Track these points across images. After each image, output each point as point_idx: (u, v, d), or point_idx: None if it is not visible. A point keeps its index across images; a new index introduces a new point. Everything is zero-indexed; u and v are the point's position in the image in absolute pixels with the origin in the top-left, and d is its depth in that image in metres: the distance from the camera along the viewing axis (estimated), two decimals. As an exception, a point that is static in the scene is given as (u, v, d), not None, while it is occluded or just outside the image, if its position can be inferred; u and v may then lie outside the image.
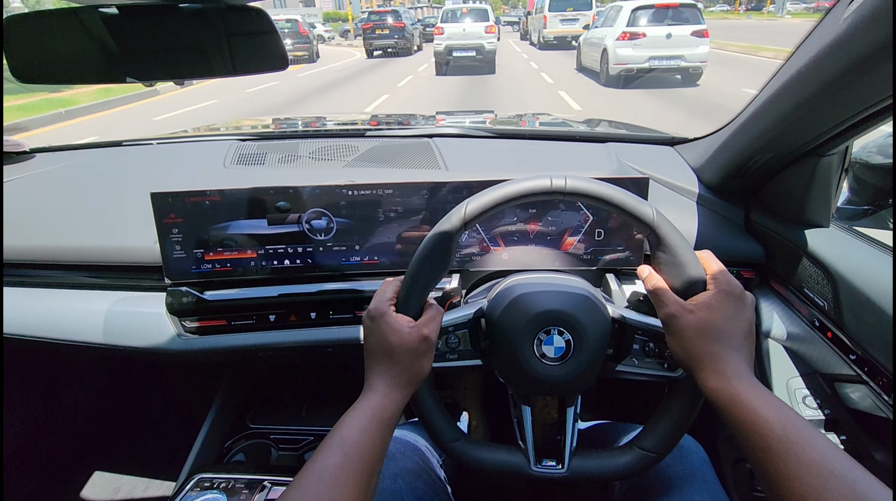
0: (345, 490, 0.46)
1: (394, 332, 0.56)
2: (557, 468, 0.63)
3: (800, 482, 0.41)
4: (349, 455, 0.48)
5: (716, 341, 0.51)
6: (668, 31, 8.02)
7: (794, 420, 0.44)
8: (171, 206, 0.82)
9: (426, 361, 0.58)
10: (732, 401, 0.48)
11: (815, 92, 0.60)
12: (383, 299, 0.59)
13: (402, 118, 1.48)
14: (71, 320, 0.91)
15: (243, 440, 1.17)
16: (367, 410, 0.53)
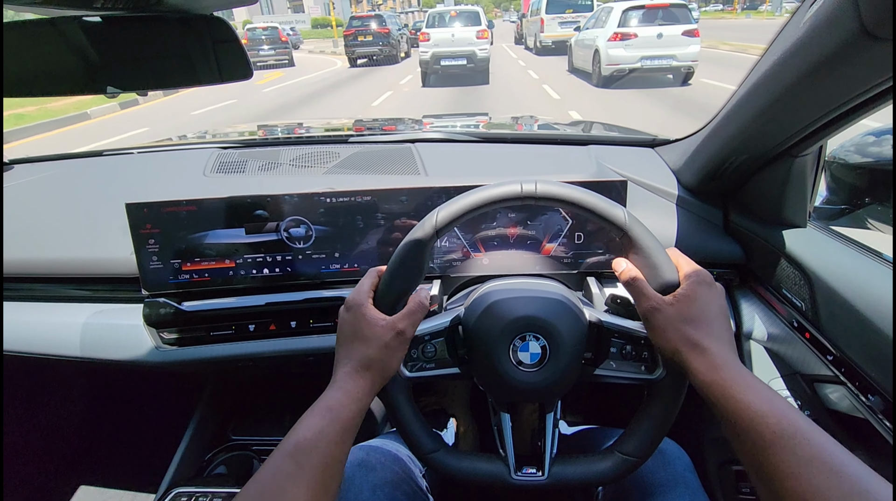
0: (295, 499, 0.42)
1: (368, 323, 0.55)
2: (538, 475, 0.62)
3: (799, 479, 0.39)
4: (301, 463, 0.45)
5: (699, 329, 0.51)
6: (659, 31, 8.08)
7: (790, 414, 0.43)
8: (147, 216, 0.81)
9: (396, 357, 0.56)
10: (724, 395, 0.46)
11: (781, 94, 0.60)
12: (362, 290, 0.58)
13: (388, 123, 1.48)
14: (48, 333, 0.89)
15: (224, 452, 1.15)
16: (325, 410, 0.49)
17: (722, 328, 0.52)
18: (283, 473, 0.44)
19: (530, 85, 9.47)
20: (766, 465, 0.42)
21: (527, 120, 1.64)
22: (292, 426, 0.48)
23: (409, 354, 0.64)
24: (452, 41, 10.13)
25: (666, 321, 0.52)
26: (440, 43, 10.14)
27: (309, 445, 0.46)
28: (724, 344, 0.51)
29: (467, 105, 8.07)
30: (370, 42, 14.50)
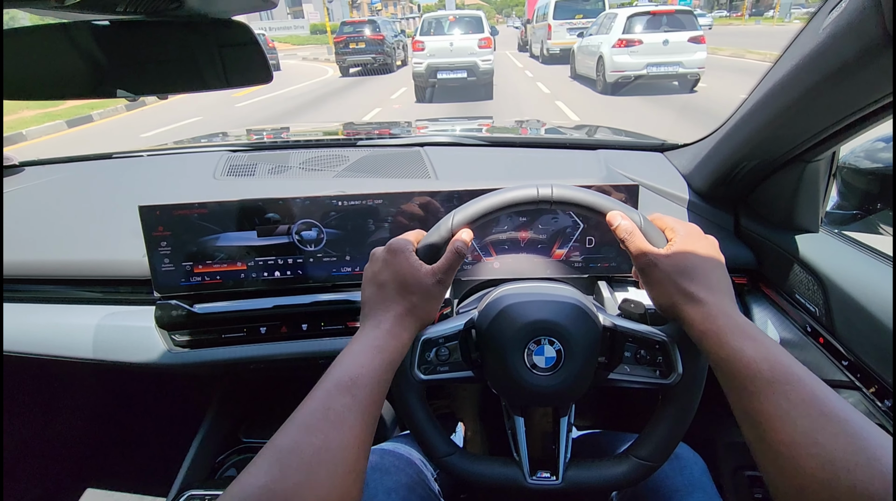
0: (352, 431, 0.43)
1: (412, 268, 0.54)
2: (552, 479, 0.62)
3: (789, 422, 0.39)
4: (357, 396, 0.45)
5: (694, 281, 0.51)
6: (664, 38, 7.97)
7: (783, 359, 0.43)
8: (159, 219, 0.81)
9: (436, 305, 0.57)
10: (718, 342, 0.47)
11: (797, 99, 0.60)
12: (405, 238, 0.57)
13: (396, 126, 1.48)
14: (61, 335, 0.90)
15: (236, 454, 1.15)
16: (374, 350, 0.50)
17: (718, 279, 0.52)
18: (341, 403, 0.44)
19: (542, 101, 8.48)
20: (757, 409, 0.42)
21: (533, 124, 1.65)
22: (336, 360, 0.48)
23: (424, 357, 0.64)
24: (451, 51, 8.75)
25: (662, 275, 0.53)
26: (436, 53, 8.76)
27: (362, 380, 0.46)
28: (721, 294, 0.51)
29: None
30: (363, 50, 13.46)
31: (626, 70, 8.12)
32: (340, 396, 0.45)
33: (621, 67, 8.13)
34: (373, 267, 0.56)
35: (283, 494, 0.37)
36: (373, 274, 0.56)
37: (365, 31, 13.41)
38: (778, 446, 0.39)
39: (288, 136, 1.39)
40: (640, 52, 8.03)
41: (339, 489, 0.40)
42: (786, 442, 0.39)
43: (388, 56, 13.86)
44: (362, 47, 13.44)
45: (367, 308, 0.55)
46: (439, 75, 8.86)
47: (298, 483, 0.38)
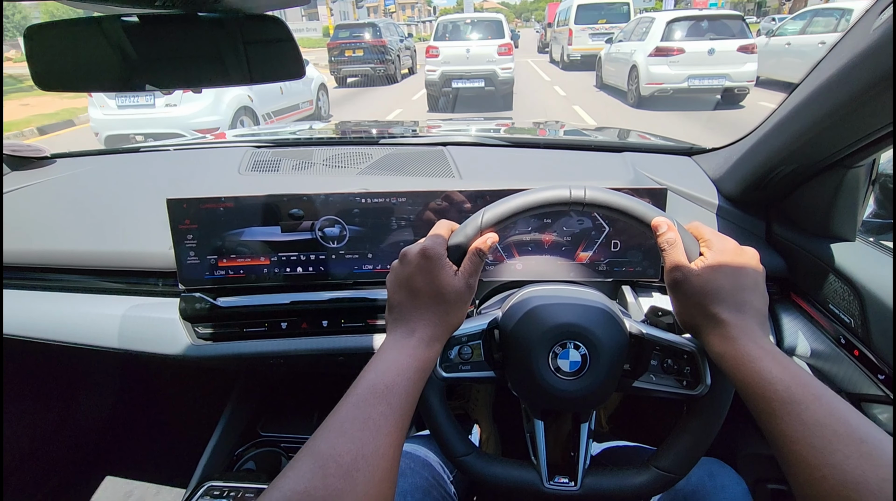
0: (388, 439, 0.44)
1: (447, 275, 0.54)
2: (570, 485, 0.61)
3: (802, 443, 0.40)
4: (393, 404, 0.46)
5: (720, 302, 0.50)
6: (710, 47, 6.95)
7: (801, 380, 0.43)
8: (186, 212, 0.82)
9: (465, 310, 0.56)
10: (737, 364, 0.47)
11: (844, 102, 0.58)
12: (439, 240, 0.55)
13: (417, 126, 1.48)
14: (86, 324, 0.91)
15: (254, 448, 1.17)
16: (411, 360, 0.50)
17: (747, 299, 0.51)
18: (377, 411, 0.44)
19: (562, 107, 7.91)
20: (775, 431, 0.42)
21: (552, 125, 1.63)
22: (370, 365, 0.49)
23: (446, 355, 0.64)
24: (467, 58, 7.92)
25: (689, 292, 0.52)
26: (451, 60, 7.90)
27: (397, 388, 0.47)
28: (747, 316, 0.50)
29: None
30: (360, 58, 11.45)
31: (664, 83, 7.11)
32: (377, 403, 0.45)
33: (658, 79, 7.12)
34: (405, 270, 0.55)
35: (323, 499, 0.37)
36: (405, 278, 0.55)
37: (364, 36, 11.44)
38: (795, 467, 0.40)
39: (312, 133, 1.39)
40: (681, 63, 7.00)
41: (376, 495, 0.40)
42: (801, 464, 0.40)
43: (390, 65, 11.85)
44: (360, 55, 11.44)
45: (398, 313, 0.54)
46: (454, 84, 8.03)
47: (338, 490, 0.38)
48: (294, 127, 1.65)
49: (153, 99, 5.22)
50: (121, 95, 5.20)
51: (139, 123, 5.28)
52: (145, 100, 5.26)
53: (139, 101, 5.27)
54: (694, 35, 7.16)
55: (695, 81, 7.05)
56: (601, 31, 12.07)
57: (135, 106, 5.28)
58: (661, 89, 7.23)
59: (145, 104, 5.27)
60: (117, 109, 5.29)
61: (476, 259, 0.55)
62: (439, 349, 0.54)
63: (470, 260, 0.55)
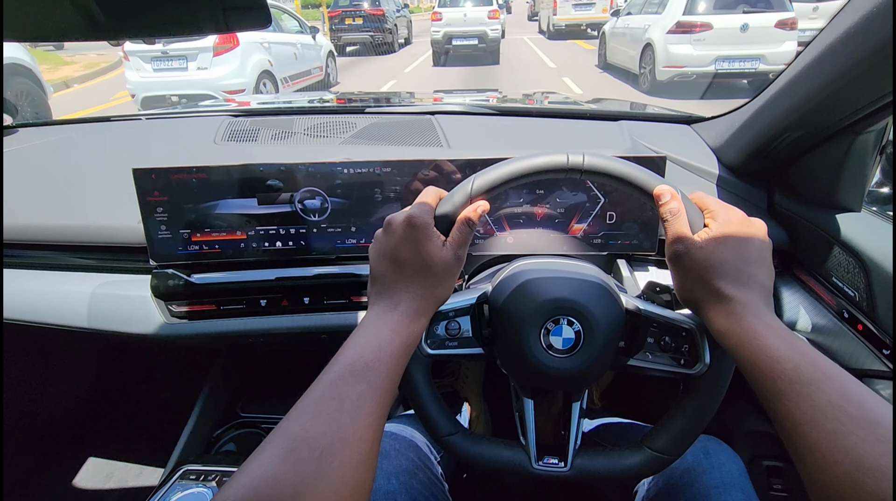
0: (367, 419, 0.41)
1: (435, 245, 0.50)
2: (560, 466, 0.59)
3: (813, 426, 0.37)
4: (373, 383, 0.43)
5: (724, 275, 0.47)
6: (743, 21, 5.65)
7: (809, 358, 0.41)
8: (155, 183, 0.77)
9: (453, 283, 0.53)
10: (741, 342, 0.44)
11: (855, 64, 0.54)
12: (426, 209, 0.51)
13: (404, 96, 1.42)
14: (53, 302, 0.87)
15: (233, 429, 1.14)
16: (394, 335, 0.47)
17: (752, 274, 0.48)
18: (356, 391, 0.41)
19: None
20: (782, 412, 0.40)
21: (549, 95, 1.58)
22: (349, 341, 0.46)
23: (432, 330, 0.60)
24: (464, 21, 10.11)
25: (691, 265, 0.49)
26: (452, 23, 10.12)
27: (379, 366, 0.44)
28: (751, 291, 0.47)
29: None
30: (359, 27, 11.67)
31: (687, 65, 5.88)
32: (356, 382, 0.42)
33: (679, 62, 5.87)
34: (389, 240, 0.51)
35: (293, 486, 0.34)
36: (389, 248, 0.51)
37: (363, 5, 11.71)
38: (804, 451, 0.38)
39: (292, 102, 1.33)
40: (708, 42, 5.72)
41: (352, 479, 0.37)
42: (812, 447, 0.37)
43: (388, 34, 12.03)
44: (359, 23, 11.68)
45: (381, 285, 0.50)
46: (454, 42, 10.21)
47: (310, 475, 0.35)
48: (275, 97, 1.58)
49: (186, 63, 5.75)
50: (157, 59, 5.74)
51: (174, 84, 5.76)
52: (178, 63, 5.76)
53: (173, 64, 5.77)
54: (723, 7, 5.77)
55: (724, 63, 5.76)
56: (584, 2, 12.57)
57: (169, 69, 5.76)
58: (683, 73, 5.99)
59: (178, 68, 5.75)
60: (153, 72, 5.79)
61: (465, 229, 0.52)
62: (425, 324, 0.50)
63: (459, 230, 0.51)
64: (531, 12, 19.93)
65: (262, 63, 6.11)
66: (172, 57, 5.75)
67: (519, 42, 12.78)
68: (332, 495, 0.35)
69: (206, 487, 0.73)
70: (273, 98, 1.50)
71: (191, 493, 0.72)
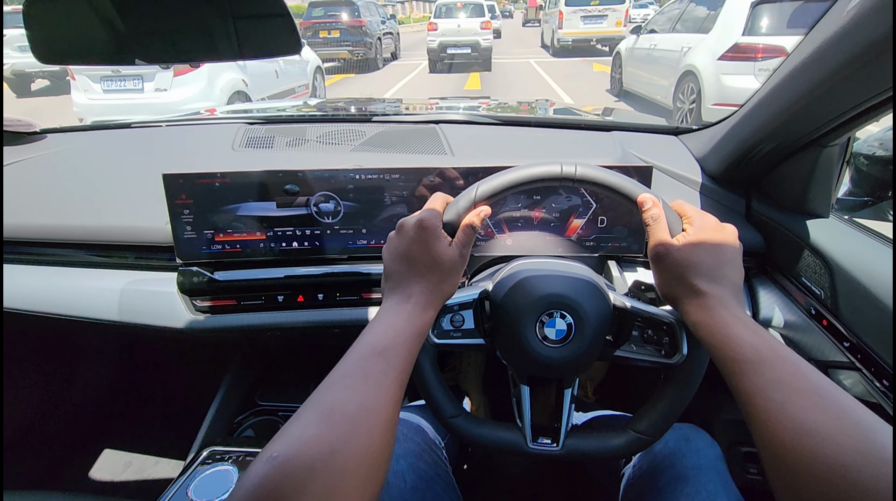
0: (388, 393, 0.45)
1: (443, 245, 0.56)
2: (553, 446, 0.66)
3: (762, 396, 0.42)
4: (392, 362, 0.48)
5: (699, 274, 0.53)
6: None
7: (767, 343, 0.46)
8: (182, 187, 0.83)
9: (458, 279, 0.58)
10: (711, 331, 0.50)
11: (820, 82, 0.61)
12: (435, 213, 0.57)
13: (408, 104, 1.49)
14: (86, 297, 0.93)
15: (252, 416, 1.20)
16: (407, 324, 0.52)
17: (725, 273, 0.53)
18: (377, 368, 0.46)
19: None
20: (740, 389, 0.45)
21: (542, 104, 1.64)
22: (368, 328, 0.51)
23: (438, 322, 0.67)
24: (458, 31, 10.57)
25: (671, 265, 0.54)
26: (447, 33, 10.57)
27: (395, 348, 0.49)
28: (723, 287, 0.53)
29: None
30: (336, 40, 10.31)
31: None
32: (376, 361, 0.47)
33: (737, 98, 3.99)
34: (402, 240, 0.57)
35: (329, 444, 0.39)
36: (402, 248, 0.57)
37: (340, 16, 10.27)
38: (756, 420, 0.42)
39: (305, 110, 1.40)
40: None
41: (378, 443, 0.42)
42: (761, 417, 0.42)
43: (370, 48, 10.65)
44: (336, 37, 10.30)
45: (394, 282, 0.56)
46: (448, 50, 10.68)
47: (344, 435, 0.40)
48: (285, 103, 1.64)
49: (141, 83, 4.86)
50: (107, 79, 4.89)
51: (126, 108, 4.87)
52: (133, 84, 4.87)
53: (126, 85, 4.88)
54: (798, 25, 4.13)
55: None
56: (595, 14, 11.18)
57: (121, 90, 4.91)
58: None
59: (133, 89, 4.89)
60: (102, 93, 4.93)
61: (469, 231, 0.58)
62: (433, 316, 0.56)
63: (463, 232, 0.57)
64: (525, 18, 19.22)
65: (234, 83, 5.27)
66: (125, 76, 4.85)
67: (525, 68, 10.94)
68: (361, 454, 0.41)
69: (232, 465, 0.79)
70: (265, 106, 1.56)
71: (217, 470, 0.78)
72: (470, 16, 10.72)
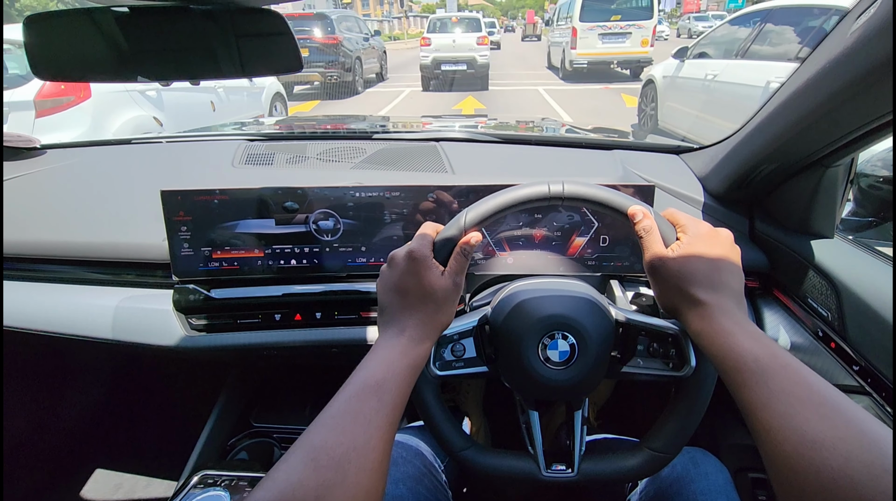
0: (378, 432, 0.45)
1: (435, 275, 0.55)
2: (568, 472, 0.63)
3: (766, 408, 0.41)
4: (384, 399, 0.47)
5: (697, 282, 0.52)
6: None
7: (770, 352, 0.44)
8: (181, 204, 0.83)
9: (454, 308, 0.57)
10: (712, 340, 0.49)
11: (822, 103, 0.61)
12: (425, 242, 0.56)
13: (408, 122, 1.49)
14: (80, 314, 0.91)
15: (246, 438, 1.18)
16: (401, 357, 0.51)
17: (723, 279, 0.52)
18: (368, 406, 0.46)
19: None
20: (743, 399, 0.43)
21: (548, 123, 1.65)
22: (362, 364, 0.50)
23: (439, 353, 0.65)
24: (453, 47, 10.11)
25: (667, 275, 0.54)
26: (441, 48, 10.08)
27: (388, 384, 0.48)
28: (723, 295, 0.52)
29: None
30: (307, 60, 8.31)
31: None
32: (368, 398, 0.46)
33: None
34: (393, 273, 0.56)
35: (314, 489, 0.39)
36: (395, 281, 0.56)
37: (313, 32, 8.68)
38: (761, 432, 0.41)
39: (305, 127, 1.40)
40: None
41: (366, 485, 0.42)
42: (766, 428, 0.41)
43: (347, 70, 9.02)
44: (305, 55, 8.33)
45: (388, 315, 0.55)
46: (443, 67, 10.13)
47: (329, 480, 0.40)
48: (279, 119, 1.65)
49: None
50: None
51: None
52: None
53: None
54: None
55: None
56: (616, 32, 9.17)
57: None
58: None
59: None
60: None
61: (461, 258, 0.57)
62: (429, 347, 0.55)
63: (455, 260, 0.57)
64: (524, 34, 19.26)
65: (138, 123, 3.81)
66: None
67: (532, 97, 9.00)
68: (349, 498, 0.40)
69: (224, 490, 0.77)
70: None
71: (209, 495, 0.76)
72: (466, 31, 10.28)
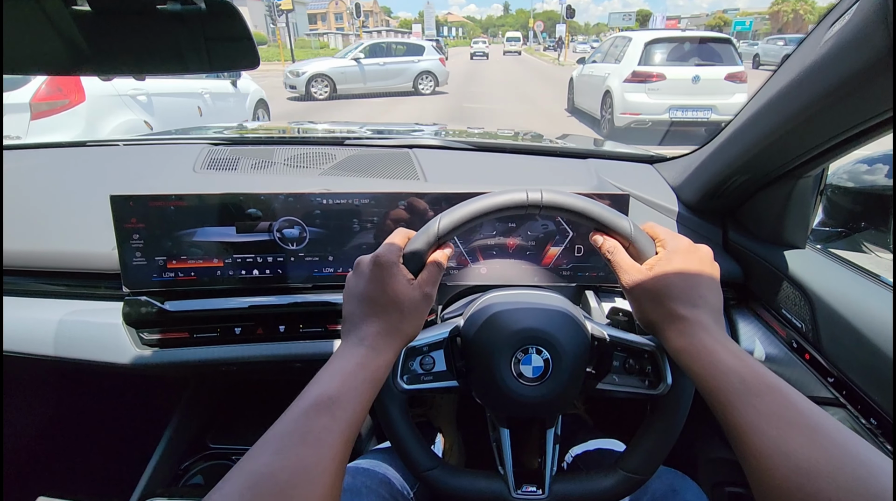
0: (330, 452, 0.41)
1: (400, 283, 0.52)
2: (538, 493, 0.61)
3: (757, 433, 0.39)
4: (337, 416, 0.43)
5: (675, 300, 0.51)
6: (695, 74, 6.01)
7: (755, 371, 0.43)
8: (133, 210, 0.77)
9: (422, 320, 0.54)
10: (693, 358, 0.47)
11: (796, 114, 0.60)
12: (393, 249, 0.54)
13: (381, 128, 1.46)
14: (20, 330, 0.84)
15: (202, 461, 1.10)
16: (358, 368, 0.47)
17: (702, 294, 0.51)
18: (319, 424, 0.42)
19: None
20: (730, 422, 0.42)
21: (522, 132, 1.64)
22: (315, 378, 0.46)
23: (407, 366, 0.62)
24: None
25: (645, 292, 0.52)
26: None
27: (343, 399, 0.44)
28: (702, 310, 0.50)
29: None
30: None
31: (642, 113, 6.17)
32: (318, 416, 0.42)
33: (635, 108, 6.18)
34: (358, 280, 0.53)
35: None
36: (360, 288, 0.53)
37: None
38: (750, 456, 0.40)
39: (273, 132, 1.35)
40: (662, 91, 6.08)
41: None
42: (755, 454, 0.39)
43: None
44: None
45: (350, 324, 0.52)
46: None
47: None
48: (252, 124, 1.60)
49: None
50: None
51: None
52: None
53: None
54: (677, 59, 6.20)
55: (677, 112, 6.05)
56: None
57: None
58: (639, 120, 6.24)
59: None
60: None
61: (434, 269, 0.54)
62: (391, 359, 0.51)
63: (428, 270, 0.54)
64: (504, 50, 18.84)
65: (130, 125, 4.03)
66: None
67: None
68: None
69: (171, 521, 0.71)
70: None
71: (156, 527, 0.70)
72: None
